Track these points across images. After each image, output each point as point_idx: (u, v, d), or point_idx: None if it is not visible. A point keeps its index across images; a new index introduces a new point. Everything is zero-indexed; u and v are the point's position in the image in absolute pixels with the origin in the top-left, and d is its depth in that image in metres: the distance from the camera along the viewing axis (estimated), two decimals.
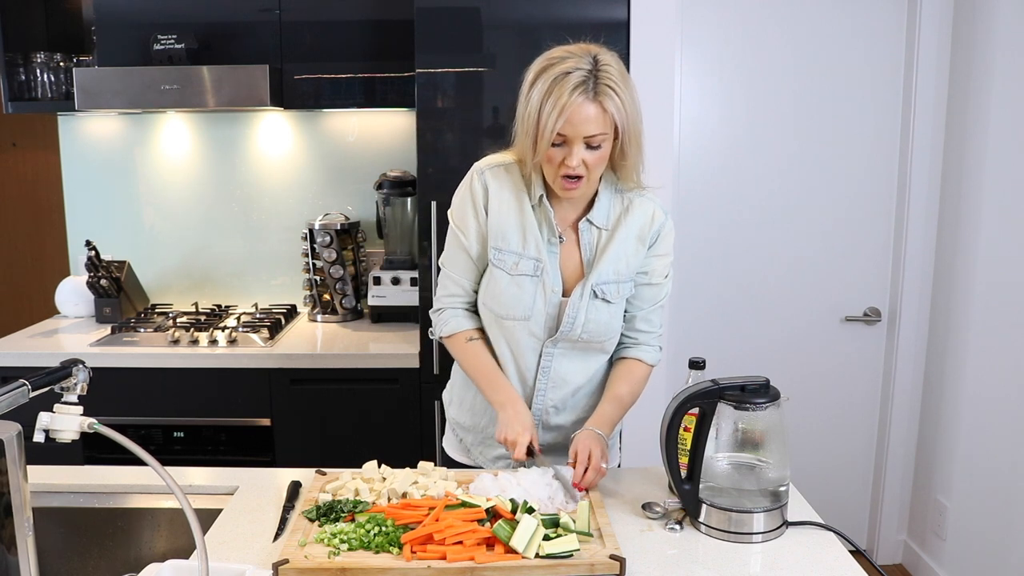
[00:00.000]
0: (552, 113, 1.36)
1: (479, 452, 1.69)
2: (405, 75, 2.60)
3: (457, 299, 1.62)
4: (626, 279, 1.55)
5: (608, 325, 1.56)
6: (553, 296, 1.53)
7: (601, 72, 1.37)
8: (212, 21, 2.66)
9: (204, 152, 3.01)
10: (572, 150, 1.40)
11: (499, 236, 1.53)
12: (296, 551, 1.22)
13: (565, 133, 1.38)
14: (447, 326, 1.61)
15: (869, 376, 2.95)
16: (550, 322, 1.55)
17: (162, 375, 2.47)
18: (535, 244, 1.52)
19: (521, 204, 1.52)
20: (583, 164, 1.41)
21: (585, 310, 1.53)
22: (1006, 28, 2.41)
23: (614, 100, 1.37)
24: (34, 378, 1.11)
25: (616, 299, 1.55)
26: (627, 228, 1.54)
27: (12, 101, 2.73)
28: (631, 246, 1.54)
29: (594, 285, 1.53)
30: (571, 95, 1.35)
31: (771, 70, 2.76)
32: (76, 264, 3.03)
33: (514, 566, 1.18)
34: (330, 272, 2.81)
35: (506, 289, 1.53)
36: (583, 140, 1.39)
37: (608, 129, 1.40)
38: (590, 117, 1.37)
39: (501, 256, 1.53)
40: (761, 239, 2.86)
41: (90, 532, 1.50)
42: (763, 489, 1.35)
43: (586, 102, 1.36)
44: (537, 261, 1.52)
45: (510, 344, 1.57)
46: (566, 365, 1.58)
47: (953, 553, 2.68)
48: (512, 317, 1.54)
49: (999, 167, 2.45)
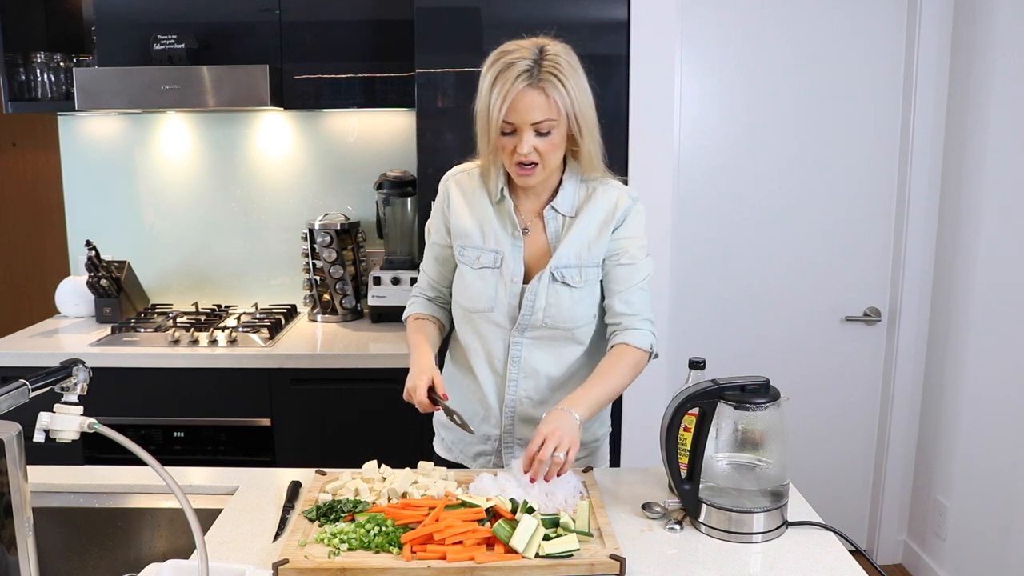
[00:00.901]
0: (496, 101, 1.42)
1: (459, 450, 1.72)
2: (405, 75, 2.60)
3: (421, 292, 1.75)
4: (589, 263, 1.57)
5: (572, 311, 1.56)
6: (513, 286, 1.57)
7: (545, 61, 1.43)
8: (212, 21, 2.66)
9: (204, 152, 3.01)
10: (522, 137, 1.44)
11: (462, 235, 1.61)
12: (296, 551, 1.22)
13: (512, 121, 1.43)
14: (406, 311, 1.75)
15: (869, 376, 2.95)
16: (513, 312, 1.58)
17: (162, 375, 2.47)
18: (495, 238, 1.58)
19: (481, 203, 1.60)
20: (535, 151, 1.46)
21: (545, 294, 1.55)
22: (1006, 28, 2.41)
23: (557, 87, 1.42)
24: (34, 378, 1.10)
25: (578, 283, 1.56)
26: (590, 213, 1.57)
27: (12, 101, 2.73)
28: (594, 230, 1.57)
29: (553, 268, 1.55)
30: (514, 83, 1.41)
31: (771, 70, 2.76)
32: (76, 264, 3.03)
33: (514, 566, 1.18)
34: (330, 272, 2.81)
35: (471, 283, 1.59)
36: (531, 127, 1.44)
37: (555, 115, 1.44)
38: (534, 104, 1.42)
39: (464, 253, 1.60)
40: (761, 239, 2.86)
41: (90, 532, 1.50)
42: (763, 489, 1.35)
43: (529, 89, 1.42)
44: (496, 253, 1.58)
45: (480, 337, 1.62)
46: (537, 355, 1.60)
47: (953, 553, 2.69)
48: (477, 309, 1.59)
49: (999, 167, 2.46)
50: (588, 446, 1.69)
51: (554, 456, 1.35)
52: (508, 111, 1.42)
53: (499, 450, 1.66)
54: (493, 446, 1.66)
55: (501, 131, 1.45)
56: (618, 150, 2.41)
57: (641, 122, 2.42)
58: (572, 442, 1.37)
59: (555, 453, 1.35)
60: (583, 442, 1.65)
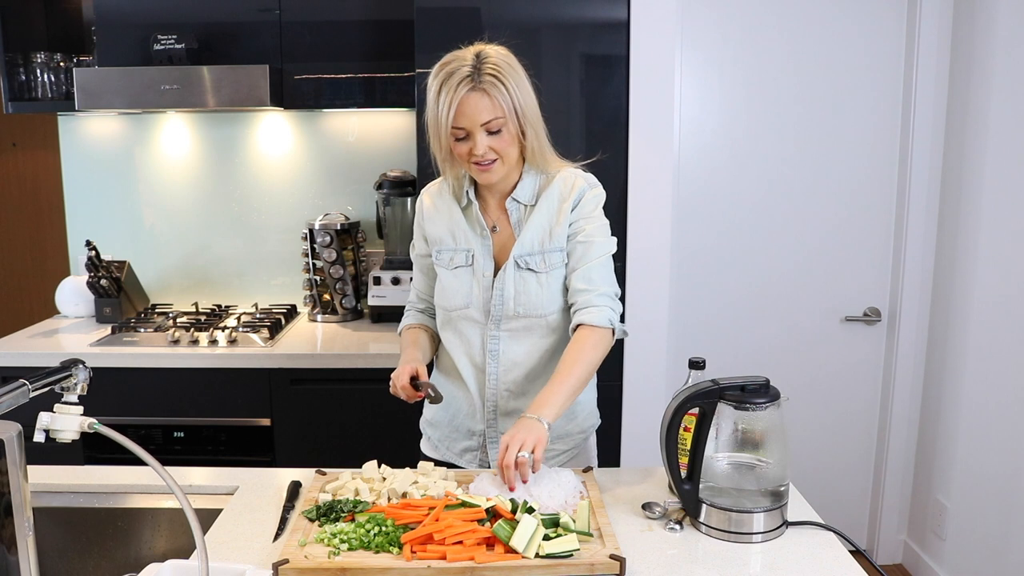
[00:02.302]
0: (444, 109, 1.47)
1: (446, 447, 1.74)
2: (405, 75, 2.60)
3: (413, 305, 1.82)
4: (551, 248, 1.60)
5: (540, 296, 1.60)
6: (484, 279, 1.61)
7: (484, 64, 1.47)
8: (212, 21, 2.66)
9: (204, 152, 3.01)
10: (475, 139, 1.49)
11: (436, 241, 1.68)
12: (296, 551, 1.22)
13: (463, 125, 1.48)
14: (400, 325, 1.81)
15: (869, 376, 2.95)
16: (486, 305, 1.62)
17: (162, 375, 2.47)
18: (465, 238, 1.64)
19: (450, 209, 1.66)
20: (491, 150, 1.51)
21: (513, 283, 1.60)
22: (1006, 28, 2.41)
23: (498, 87, 1.47)
24: (34, 378, 1.10)
25: (543, 269, 1.59)
26: (548, 199, 1.61)
27: (12, 101, 2.73)
28: (552, 215, 1.60)
29: (517, 257, 1.59)
30: (457, 89, 1.46)
31: (771, 70, 2.76)
32: (76, 264, 3.03)
33: (514, 566, 1.18)
34: (330, 272, 2.81)
35: (448, 284, 1.65)
36: (482, 128, 1.48)
37: (501, 113, 1.48)
38: (479, 106, 1.47)
39: (440, 257, 1.67)
40: (761, 239, 2.86)
41: (90, 532, 1.50)
42: (763, 489, 1.35)
43: (472, 93, 1.46)
44: (468, 251, 1.63)
45: (459, 336, 1.66)
46: (514, 347, 1.63)
47: (953, 553, 2.69)
48: (454, 307, 1.64)
49: (999, 167, 2.45)
50: (575, 437, 1.71)
51: (519, 456, 1.35)
52: (456, 116, 1.47)
53: (484, 445, 1.68)
54: (478, 441, 1.69)
55: (455, 136, 1.50)
56: (618, 150, 2.41)
57: (641, 122, 2.42)
58: (536, 440, 1.37)
59: (520, 453, 1.35)
60: (571, 433, 1.70)
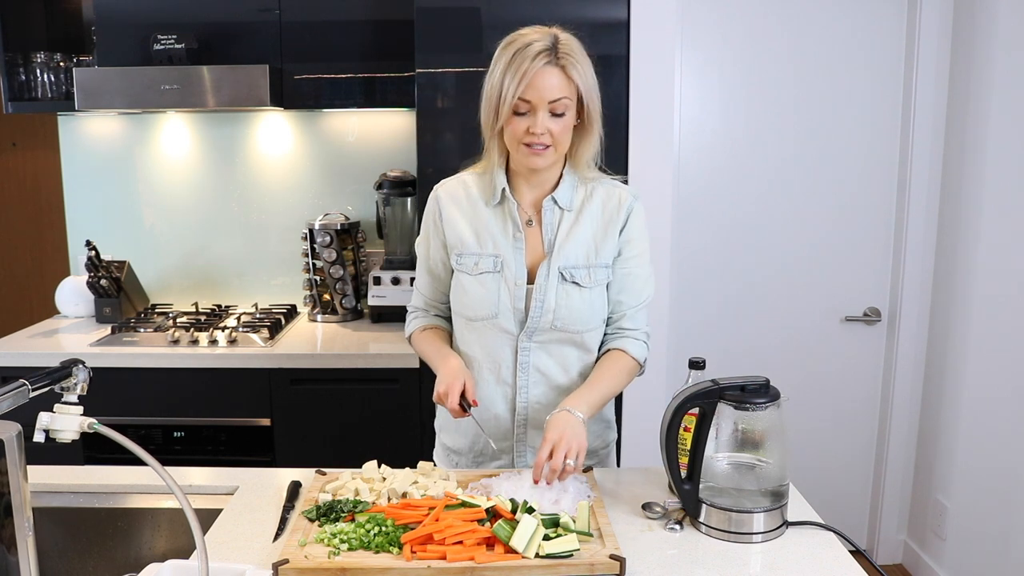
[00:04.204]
0: (514, 79, 1.40)
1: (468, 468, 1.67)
2: (405, 75, 2.60)
3: (418, 309, 1.71)
4: (598, 264, 1.54)
5: (582, 312, 1.53)
6: (518, 288, 1.53)
7: (562, 45, 1.43)
8: (212, 21, 2.66)
9: (204, 152, 3.01)
10: (537, 116, 1.42)
11: (457, 243, 1.57)
12: (296, 551, 1.22)
13: (530, 98, 1.41)
14: (408, 328, 1.72)
15: (869, 376, 2.95)
16: (519, 315, 1.53)
17: (162, 375, 2.47)
18: (492, 242, 1.54)
19: (475, 208, 1.57)
20: (549, 133, 1.43)
21: (555, 294, 1.52)
22: (1006, 28, 2.41)
23: (575, 67, 1.43)
24: (34, 378, 1.11)
25: (589, 284, 1.53)
26: (592, 211, 1.55)
27: (12, 101, 2.73)
28: (600, 230, 1.55)
29: (562, 268, 1.52)
30: (533, 61, 1.40)
31: (771, 70, 2.76)
32: (76, 264, 3.03)
33: (514, 566, 1.18)
34: (330, 272, 2.81)
35: (471, 290, 1.55)
36: (547, 107, 1.42)
37: (571, 95, 1.44)
38: (553, 82, 1.41)
39: (462, 260, 1.56)
40: (761, 239, 2.86)
41: (90, 532, 1.50)
42: (763, 489, 1.35)
43: (548, 67, 1.41)
44: (496, 257, 1.54)
45: (483, 345, 1.57)
46: (545, 359, 1.56)
47: (953, 553, 2.68)
48: (481, 317, 1.54)
49: (999, 167, 2.45)
50: (599, 453, 1.67)
51: (566, 464, 1.35)
52: (526, 88, 1.40)
53: (513, 462, 1.62)
54: (508, 460, 1.62)
55: (516, 110, 1.43)
56: (618, 150, 2.41)
57: (641, 122, 2.42)
58: (580, 447, 1.37)
59: (566, 460, 1.35)
60: (594, 449, 1.64)
